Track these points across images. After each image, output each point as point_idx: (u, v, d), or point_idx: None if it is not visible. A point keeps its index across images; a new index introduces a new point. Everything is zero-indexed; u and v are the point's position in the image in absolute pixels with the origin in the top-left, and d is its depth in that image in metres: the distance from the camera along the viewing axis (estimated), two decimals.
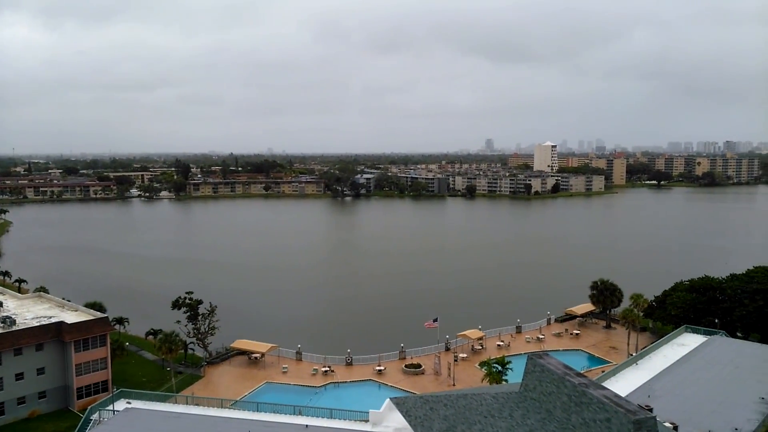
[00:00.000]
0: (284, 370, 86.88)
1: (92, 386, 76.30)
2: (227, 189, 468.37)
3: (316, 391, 79.67)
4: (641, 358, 76.51)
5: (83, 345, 75.61)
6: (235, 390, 78.91)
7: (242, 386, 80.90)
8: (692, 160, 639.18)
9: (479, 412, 40.26)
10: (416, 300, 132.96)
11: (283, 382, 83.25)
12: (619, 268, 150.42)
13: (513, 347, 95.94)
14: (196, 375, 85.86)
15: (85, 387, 75.69)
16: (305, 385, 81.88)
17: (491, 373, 71.48)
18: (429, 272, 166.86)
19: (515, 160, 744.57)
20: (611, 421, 32.91)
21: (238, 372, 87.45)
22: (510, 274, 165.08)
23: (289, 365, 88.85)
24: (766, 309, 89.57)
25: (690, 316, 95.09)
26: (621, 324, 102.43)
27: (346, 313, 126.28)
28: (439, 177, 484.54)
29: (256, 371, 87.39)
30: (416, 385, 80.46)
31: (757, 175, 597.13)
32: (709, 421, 56.54)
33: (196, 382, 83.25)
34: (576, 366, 56.60)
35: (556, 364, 41.00)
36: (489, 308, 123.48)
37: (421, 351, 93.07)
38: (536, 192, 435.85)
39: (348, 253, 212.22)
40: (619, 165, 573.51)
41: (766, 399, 62.14)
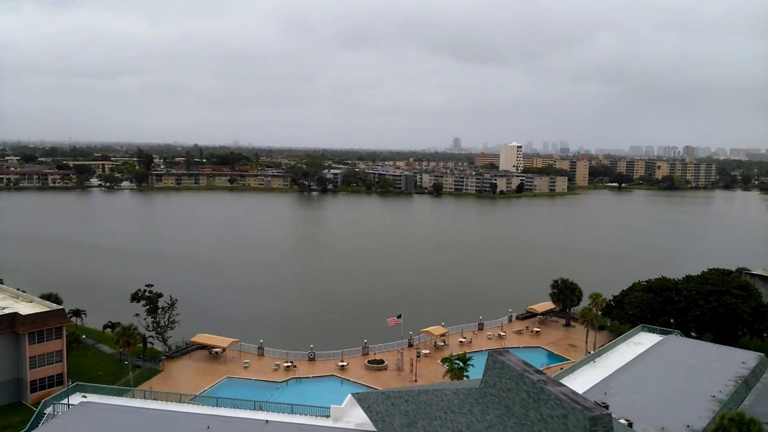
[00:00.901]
0: (246, 365, 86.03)
1: (46, 379, 74.20)
2: (191, 181, 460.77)
3: (277, 387, 79.12)
4: (599, 356, 78.19)
5: (38, 337, 73.43)
6: (195, 385, 77.80)
7: (202, 381, 79.82)
8: (653, 163, 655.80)
9: (440, 407, 40.57)
10: (381, 296, 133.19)
11: (244, 377, 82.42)
12: (579, 268, 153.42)
13: (475, 344, 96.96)
14: (154, 369, 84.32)
15: (39, 380, 73.52)
16: (267, 380, 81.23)
17: (453, 369, 72.13)
18: (394, 269, 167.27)
19: (482, 159, 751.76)
20: (568, 417, 33.51)
21: (199, 366, 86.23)
22: (474, 272, 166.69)
23: (251, 360, 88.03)
24: (719, 310, 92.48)
25: (646, 315, 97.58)
26: (580, 322, 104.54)
27: (309, 308, 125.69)
28: (406, 174, 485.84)
29: (216, 366, 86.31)
30: (379, 381, 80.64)
31: (715, 180, 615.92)
32: (662, 418, 58.15)
33: (154, 376, 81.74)
34: (535, 363, 57.56)
35: (516, 361, 41.59)
36: (452, 305, 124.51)
37: (385, 347, 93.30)
38: (501, 191, 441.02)
39: (313, 248, 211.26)
40: (582, 167, 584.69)
41: (718, 397, 64.24)
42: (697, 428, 56.40)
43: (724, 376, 70.64)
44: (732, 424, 49.36)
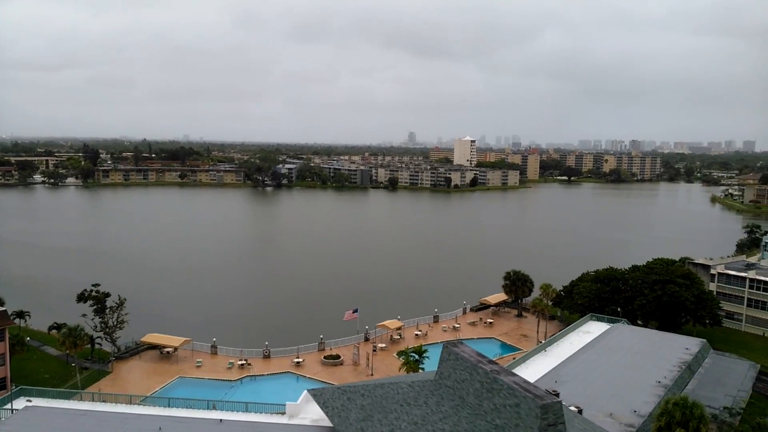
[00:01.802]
0: (198, 365, 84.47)
1: None
2: (139, 176, 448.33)
3: (231, 385, 78.01)
4: (549, 345, 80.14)
5: None
6: (146, 385, 75.94)
7: (153, 381, 77.96)
8: (600, 157, 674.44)
9: (395, 400, 40.76)
10: (336, 292, 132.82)
11: (196, 376, 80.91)
12: (531, 260, 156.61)
13: (430, 336, 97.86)
14: (103, 371, 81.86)
15: None
16: (220, 379, 79.97)
17: (408, 362, 72.60)
18: (350, 264, 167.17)
19: (436, 153, 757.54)
20: (520, 406, 34.15)
21: (149, 367, 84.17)
22: (429, 266, 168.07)
23: (204, 359, 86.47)
24: (664, 298, 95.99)
25: (595, 305, 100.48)
26: (531, 312, 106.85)
27: (264, 305, 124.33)
28: (362, 168, 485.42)
29: (168, 366, 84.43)
30: (335, 376, 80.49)
31: (659, 173, 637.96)
32: (610, 404, 60.05)
33: (103, 378, 79.35)
34: (489, 354, 58.51)
35: (470, 352, 42.13)
36: (408, 299, 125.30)
37: (341, 342, 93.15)
38: (456, 185, 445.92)
39: (267, 245, 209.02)
40: (533, 161, 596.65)
41: (663, 383, 66.72)
42: (644, 413, 58.49)
43: (668, 362, 73.48)
44: (676, 408, 51.34)
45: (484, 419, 35.83)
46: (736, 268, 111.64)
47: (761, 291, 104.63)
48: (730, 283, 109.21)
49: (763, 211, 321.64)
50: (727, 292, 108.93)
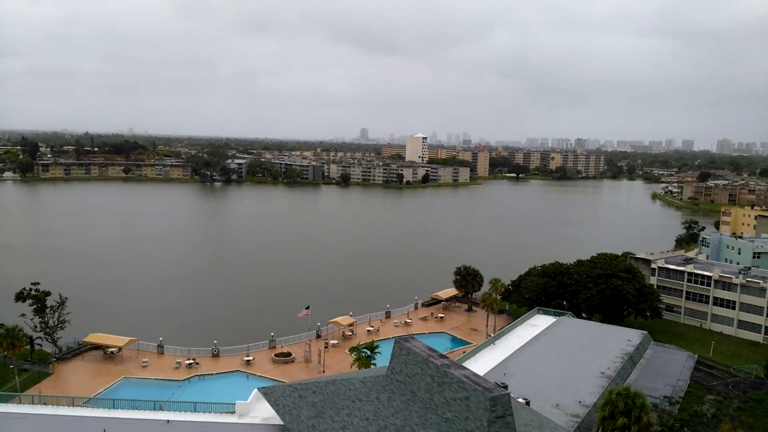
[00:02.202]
0: (144, 365, 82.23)
1: None
2: (81, 171, 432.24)
3: (179, 385, 76.28)
4: (498, 339, 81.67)
5: None
6: (89, 387, 73.39)
7: (97, 382, 75.43)
8: (547, 155, 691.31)
9: (347, 396, 40.71)
10: (288, 289, 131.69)
11: (142, 377, 78.75)
12: (481, 255, 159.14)
13: (382, 332, 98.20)
14: (44, 372, 78.64)
15: None
16: (167, 378, 78.07)
17: (360, 358, 72.73)
18: (301, 260, 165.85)
19: (389, 150, 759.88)
20: (470, 399, 34.65)
21: (93, 368, 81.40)
22: (381, 262, 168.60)
23: (150, 359, 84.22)
24: (607, 292, 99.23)
25: (542, 298, 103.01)
26: (481, 307, 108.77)
27: (212, 303, 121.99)
28: (314, 164, 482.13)
29: (112, 366, 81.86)
30: (286, 374, 79.78)
31: (603, 170, 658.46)
32: (557, 395, 61.66)
33: (44, 379, 76.25)
34: (440, 348, 59.14)
35: (421, 347, 42.47)
36: (360, 295, 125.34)
37: (292, 339, 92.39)
38: (408, 182, 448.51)
39: (216, 241, 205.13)
40: (483, 158, 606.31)
41: (606, 373, 68.97)
42: (588, 403, 60.34)
43: (611, 353, 76.03)
44: (619, 398, 53.22)
45: (434, 413, 36.21)
46: (675, 263, 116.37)
47: (699, 284, 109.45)
48: (669, 277, 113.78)
49: (700, 207, 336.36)
50: (666, 285, 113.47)
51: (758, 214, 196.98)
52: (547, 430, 39.40)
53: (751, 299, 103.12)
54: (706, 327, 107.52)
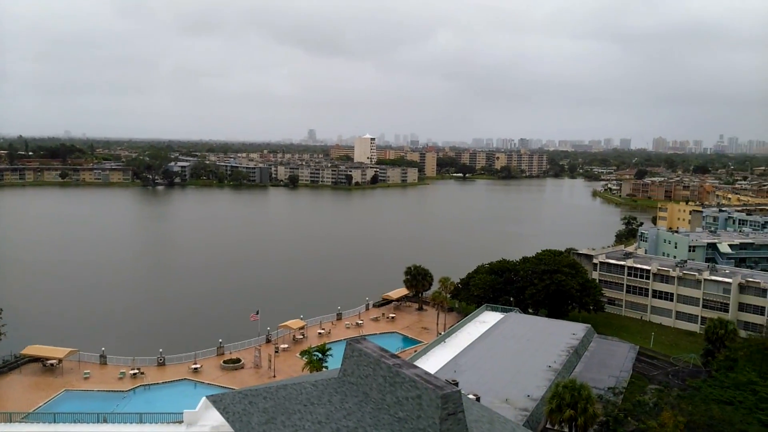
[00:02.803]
0: (86, 376, 79.09)
1: None
2: (15, 176, 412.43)
3: (123, 396, 73.75)
4: (448, 336, 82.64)
5: None
6: (28, 401, 70.10)
7: (36, 396, 72.08)
8: (492, 155, 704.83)
9: (299, 401, 40.24)
10: (235, 294, 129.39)
11: (84, 388, 75.75)
12: (430, 254, 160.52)
13: (334, 334, 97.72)
14: None
15: None
16: (111, 390, 75.35)
17: (312, 362, 72.14)
18: (250, 264, 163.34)
19: (337, 151, 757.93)
20: (422, 397, 34.84)
21: (31, 381, 77.71)
22: (332, 263, 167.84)
23: (92, 370, 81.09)
24: (552, 287, 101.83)
25: (490, 295, 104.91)
26: (431, 305, 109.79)
27: (157, 311, 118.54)
28: (260, 166, 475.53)
29: (52, 379, 78.37)
30: (235, 381, 78.33)
31: (546, 169, 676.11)
32: (506, 390, 62.83)
33: None
34: (391, 348, 59.36)
35: (373, 347, 42.41)
36: (311, 297, 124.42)
37: (241, 345, 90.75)
38: (357, 183, 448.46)
39: (159, 246, 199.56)
40: (431, 158, 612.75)
41: (553, 367, 70.72)
42: (536, 397, 61.74)
43: (557, 347, 78.06)
44: (566, 390, 54.71)
45: (387, 413, 36.23)
46: (616, 257, 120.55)
47: (638, 278, 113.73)
48: (610, 272, 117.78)
49: (638, 204, 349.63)
50: (608, 279, 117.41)
51: (692, 209, 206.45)
52: (497, 424, 40.02)
53: (688, 291, 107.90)
54: (646, 319, 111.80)
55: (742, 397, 59.42)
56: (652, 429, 50.27)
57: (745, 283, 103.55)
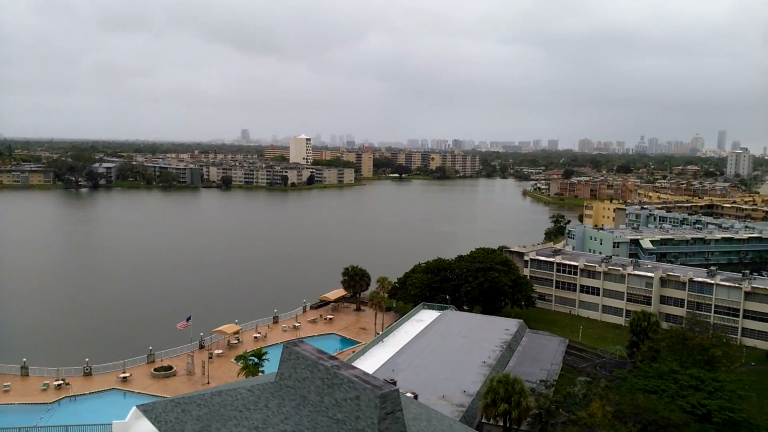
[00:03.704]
0: (6, 389, 74.43)
1: None
2: None
3: (47, 408, 69.88)
4: (386, 336, 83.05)
5: None
6: None
7: None
8: (427, 155, 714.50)
9: (234, 407, 39.38)
10: (167, 298, 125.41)
11: (4, 402, 71.30)
12: (368, 254, 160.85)
13: (270, 338, 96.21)
14: None
15: None
16: (34, 402, 71.21)
17: (248, 366, 70.78)
18: (181, 267, 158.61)
19: (272, 151, 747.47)
20: (360, 398, 34.82)
21: None
22: (268, 265, 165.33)
23: (13, 382, 76.39)
24: (485, 284, 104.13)
25: (426, 294, 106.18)
26: (369, 306, 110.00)
27: (82, 318, 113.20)
28: (191, 167, 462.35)
29: None
30: (167, 389, 75.78)
31: (479, 170, 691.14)
32: (443, 386, 63.73)
33: None
34: (329, 349, 59.07)
35: (311, 350, 42.01)
36: (246, 301, 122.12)
37: (173, 352, 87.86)
38: (293, 183, 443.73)
39: (84, 250, 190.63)
40: (367, 159, 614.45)
41: (487, 362, 72.29)
42: (472, 392, 62.95)
43: (492, 342, 79.90)
44: (500, 385, 56.05)
45: (325, 415, 35.98)
46: (545, 254, 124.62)
47: (567, 274, 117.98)
48: (540, 268, 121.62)
49: (566, 202, 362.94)
50: (538, 276, 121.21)
51: (616, 207, 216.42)
52: (435, 421, 40.53)
53: (613, 285, 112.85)
54: (575, 313, 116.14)
55: (664, 385, 62.58)
56: (582, 419, 52.18)
57: (666, 277, 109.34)
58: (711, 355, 70.94)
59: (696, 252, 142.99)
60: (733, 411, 58.49)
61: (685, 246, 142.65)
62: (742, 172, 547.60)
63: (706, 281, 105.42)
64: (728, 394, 61.30)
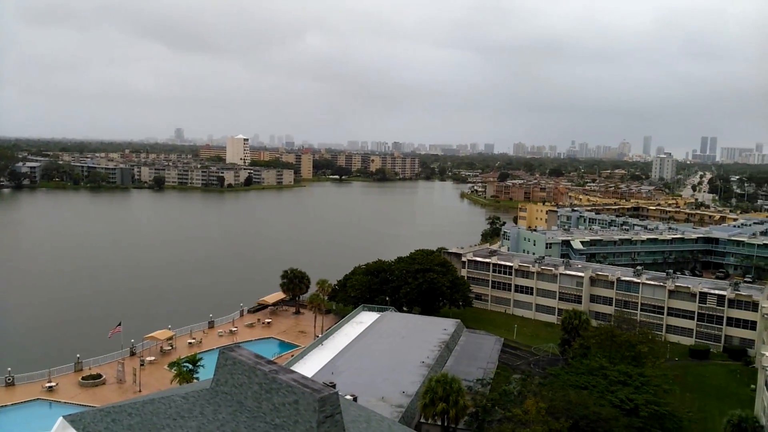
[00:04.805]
0: None
1: None
2: None
3: None
4: (326, 339, 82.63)
5: None
6: None
7: None
8: (367, 157, 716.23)
9: (168, 415, 38.16)
10: (96, 303, 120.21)
11: None
12: (307, 257, 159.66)
13: (205, 343, 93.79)
14: None
15: None
16: None
17: (181, 373, 68.81)
18: (111, 271, 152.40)
19: (207, 151, 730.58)
20: (299, 402, 34.47)
21: None
22: (203, 269, 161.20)
23: None
24: (424, 285, 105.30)
25: (366, 296, 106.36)
26: (309, 308, 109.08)
27: (3, 325, 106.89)
28: (122, 167, 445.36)
29: None
30: (96, 398, 72.70)
31: (418, 172, 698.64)
32: (382, 388, 63.94)
33: None
34: (267, 354, 58.17)
35: (248, 354, 41.25)
36: (180, 306, 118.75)
37: (102, 359, 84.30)
38: (229, 185, 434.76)
39: (4, 254, 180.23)
40: (307, 160, 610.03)
41: (426, 362, 73.05)
42: (411, 393, 63.45)
43: (430, 343, 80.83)
44: (438, 384, 56.76)
45: (263, 420, 35.40)
46: (482, 255, 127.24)
47: (501, 274, 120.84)
48: (477, 269, 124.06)
49: (501, 204, 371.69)
50: (475, 276, 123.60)
51: (548, 209, 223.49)
52: (374, 423, 40.60)
53: (546, 285, 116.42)
54: (510, 312, 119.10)
55: (595, 381, 65.01)
56: (517, 416, 53.49)
57: (595, 277, 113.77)
58: (638, 352, 74.27)
59: (623, 252, 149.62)
60: (659, 405, 61.39)
61: (613, 246, 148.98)
62: (666, 176, 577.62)
63: (632, 280, 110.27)
64: (654, 389, 64.30)
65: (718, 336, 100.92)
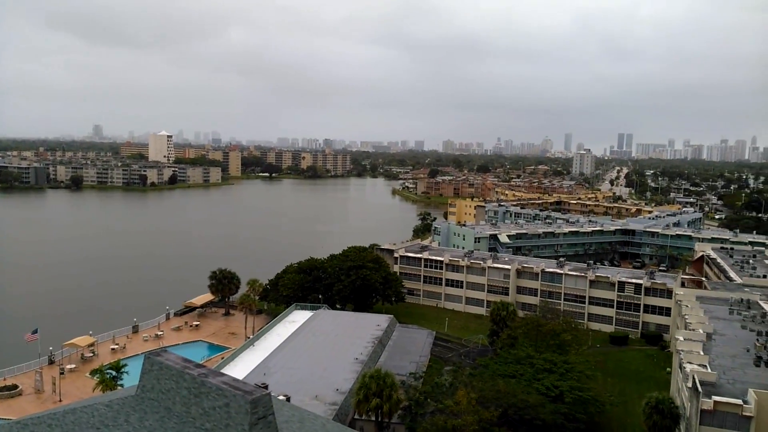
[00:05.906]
0: None
1: None
2: None
3: None
4: (257, 340, 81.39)
5: None
6: None
7: None
8: (298, 154, 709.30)
9: (91, 425, 36.50)
10: (7, 310, 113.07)
11: None
12: (237, 256, 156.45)
13: (129, 349, 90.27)
14: None
15: None
16: None
17: (104, 381, 65.98)
18: (24, 275, 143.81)
19: (128, 149, 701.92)
20: (230, 405, 33.77)
21: None
22: (125, 271, 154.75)
23: None
24: (357, 282, 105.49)
25: (299, 294, 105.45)
26: (239, 309, 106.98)
27: None
28: (35, 166, 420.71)
29: None
30: (12, 410, 68.56)
31: (349, 169, 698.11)
32: (316, 386, 63.64)
33: None
34: (196, 357, 56.63)
35: (175, 359, 40.01)
36: (101, 310, 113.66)
37: (18, 369, 79.66)
38: (153, 183, 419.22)
39: None
40: (235, 157, 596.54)
41: (360, 359, 73.26)
42: (345, 390, 63.50)
43: (364, 339, 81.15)
44: (372, 380, 57.08)
45: (192, 426, 34.45)
46: (414, 251, 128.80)
47: (433, 268, 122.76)
48: (409, 264, 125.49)
49: (432, 200, 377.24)
50: (408, 271, 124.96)
51: (477, 204, 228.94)
52: (308, 422, 40.35)
53: (475, 278, 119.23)
54: (441, 306, 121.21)
55: (522, 370, 67.28)
56: (449, 407, 54.60)
57: (521, 269, 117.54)
58: (562, 340, 77.40)
59: (547, 245, 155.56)
60: (582, 390, 64.25)
61: (537, 240, 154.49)
62: (585, 171, 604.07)
63: (556, 271, 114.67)
64: (578, 375, 67.24)
65: (636, 323, 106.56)
